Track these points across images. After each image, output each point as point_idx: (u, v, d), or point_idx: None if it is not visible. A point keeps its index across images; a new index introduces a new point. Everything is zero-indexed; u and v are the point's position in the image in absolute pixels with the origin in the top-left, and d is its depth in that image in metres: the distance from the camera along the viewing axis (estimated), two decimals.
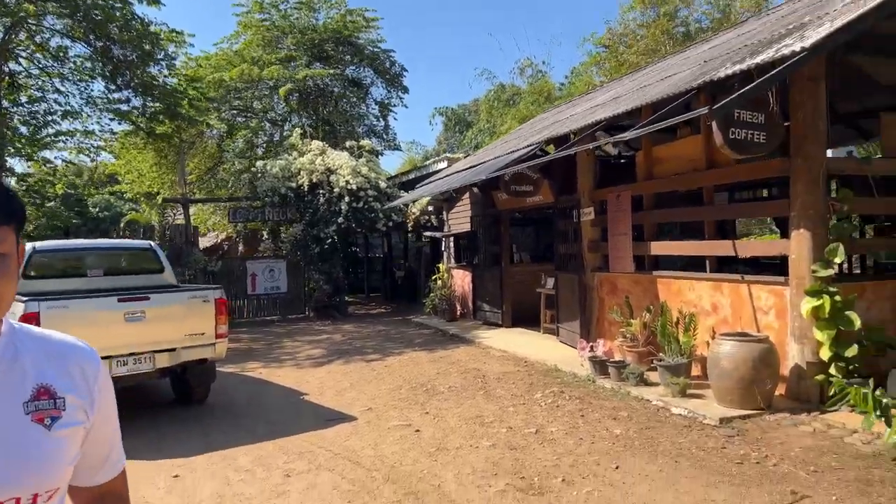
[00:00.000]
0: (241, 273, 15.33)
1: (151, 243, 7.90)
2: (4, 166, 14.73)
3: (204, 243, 21.18)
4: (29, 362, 1.13)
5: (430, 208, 15.91)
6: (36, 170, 17.68)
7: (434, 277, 14.47)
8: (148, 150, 18.86)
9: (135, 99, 15.62)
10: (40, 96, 15.39)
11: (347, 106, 21.86)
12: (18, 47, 14.66)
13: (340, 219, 14.76)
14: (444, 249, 15.57)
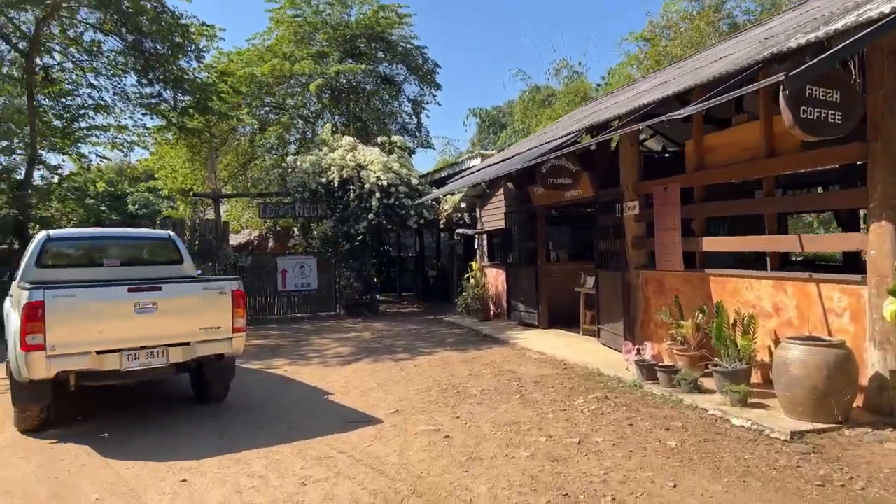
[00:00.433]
0: (271, 269, 15.11)
1: (171, 233, 7.57)
2: (38, 159, 14.76)
3: (238, 240, 21.10)
4: None
5: (463, 205, 15.44)
6: (73, 164, 17.78)
7: (466, 276, 13.99)
8: (181, 146, 18.86)
9: (165, 93, 15.55)
10: (73, 89, 15.41)
11: (380, 103, 21.50)
12: (52, 41, 14.68)
13: (371, 215, 14.45)
14: (476, 247, 15.10)
